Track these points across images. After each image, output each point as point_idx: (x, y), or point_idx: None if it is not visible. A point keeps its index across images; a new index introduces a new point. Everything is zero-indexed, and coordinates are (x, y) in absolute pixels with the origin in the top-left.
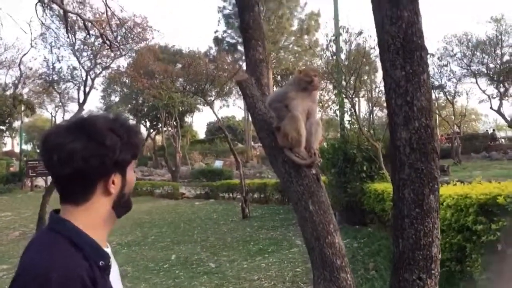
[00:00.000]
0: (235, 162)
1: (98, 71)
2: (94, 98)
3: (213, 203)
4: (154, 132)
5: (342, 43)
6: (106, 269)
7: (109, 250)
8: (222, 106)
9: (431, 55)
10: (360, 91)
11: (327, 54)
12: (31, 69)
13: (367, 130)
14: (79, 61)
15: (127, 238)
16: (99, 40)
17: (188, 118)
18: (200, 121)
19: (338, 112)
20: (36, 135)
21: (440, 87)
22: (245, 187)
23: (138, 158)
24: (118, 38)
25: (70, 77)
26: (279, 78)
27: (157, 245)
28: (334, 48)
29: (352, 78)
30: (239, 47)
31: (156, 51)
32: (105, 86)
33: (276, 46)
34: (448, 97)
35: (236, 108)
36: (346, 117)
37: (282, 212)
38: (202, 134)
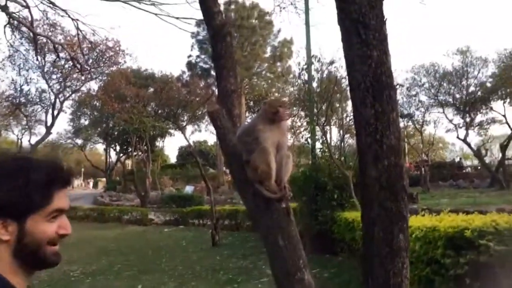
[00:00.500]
0: (206, 188)
1: (67, 94)
2: (62, 121)
3: (182, 230)
4: (124, 156)
5: (314, 72)
6: None
7: None
8: (194, 131)
9: (400, 86)
10: (331, 119)
11: (299, 82)
12: None
13: (338, 157)
14: (48, 83)
15: (92, 267)
16: (69, 63)
17: (159, 143)
18: (172, 145)
19: (309, 140)
20: None
21: (408, 116)
22: (215, 214)
23: (59, 210)
24: (90, 61)
25: (38, 99)
26: (252, 104)
27: (123, 274)
28: (306, 76)
29: (323, 106)
30: (212, 72)
31: (128, 75)
32: (74, 109)
33: (249, 72)
34: (416, 125)
35: (208, 133)
36: (318, 144)
37: (253, 239)
38: (173, 158)
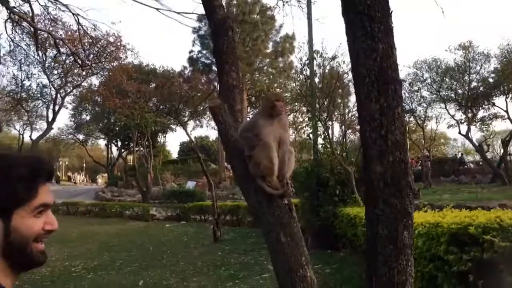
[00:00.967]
0: (208, 184)
1: (68, 89)
2: (64, 116)
3: (184, 225)
4: (125, 151)
5: (316, 67)
6: None
7: None
8: (195, 127)
9: (403, 81)
10: (333, 114)
11: (301, 77)
12: None
13: (340, 153)
14: (49, 79)
15: (94, 262)
16: (71, 58)
17: (160, 138)
18: (173, 140)
19: (311, 135)
20: None
21: (410, 111)
22: (217, 210)
23: (44, 205)
24: (91, 56)
25: (39, 95)
26: (254, 99)
27: (124, 269)
28: (308, 72)
29: (325, 102)
30: (214, 68)
31: (129, 70)
32: (75, 104)
33: (250, 67)
34: (418, 121)
35: (209, 128)
36: (320, 140)
37: (254, 235)
38: (175, 154)
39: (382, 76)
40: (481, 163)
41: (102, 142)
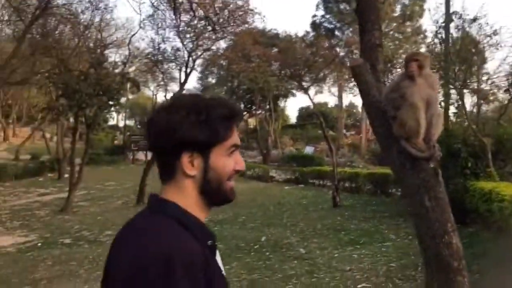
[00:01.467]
0: (328, 149)
1: (199, 53)
2: (192, 79)
3: (302, 189)
4: (247, 114)
5: (454, 30)
6: (214, 248)
7: None
8: (316, 92)
9: None
10: (469, 83)
11: (436, 41)
12: (139, 49)
13: (475, 125)
14: (183, 42)
15: (219, 216)
16: (202, 22)
17: (281, 102)
18: (292, 105)
19: (443, 103)
20: (138, 112)
21: None
22: (337, 175)
23: (235, 145)
24: (220, 20)
25: (173, 57)
26: None
27: (247, 225)
28: (443, 34)
29: (462, 68)
30: (337, 33)
31: (255, 35)
32: (203, 68)
33: None
34: None
35: (329, 94)
36: (452, 109)
37: (374, 203)
38: (293, 119)
39: None
40: None
41: None
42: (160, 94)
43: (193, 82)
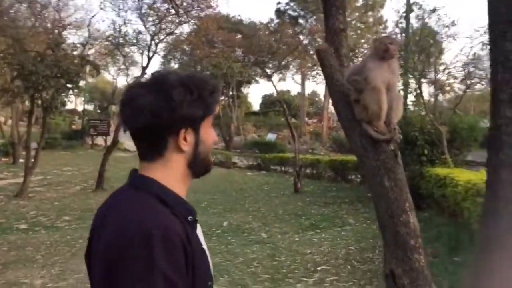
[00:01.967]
0: (291, 136)
1: (162, 37)
2: (154, 63)
3: (264, 175)
4: None
5: (414, 20)
6: (195, 223)
7: None
8: (279, 80)
9: None
10: (427, 73)
11: (396, 30)
12: (99, 31)
13: (432, 113)
14: (145, 25)
15: None
16: (165, 5)
17: (244, 89)
18: (255, 93)
19: (401, 92)
20: (98, 96)
21: None
22: (299, 162)
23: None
24: (184, 4)
25: (135, 41)
26: None
27: (209, 210)
28: (404, 24)
29: (420, 57)
30: (301, 21)
31: (219, 20)
32: (165, 52)
33: None
34: None
35: (292, 82)
36: (410, 98)
37: (334, 189)
38: (256, 107)
39: None
40: None
41: None
42: (120, 78)
43: (155, 66)
